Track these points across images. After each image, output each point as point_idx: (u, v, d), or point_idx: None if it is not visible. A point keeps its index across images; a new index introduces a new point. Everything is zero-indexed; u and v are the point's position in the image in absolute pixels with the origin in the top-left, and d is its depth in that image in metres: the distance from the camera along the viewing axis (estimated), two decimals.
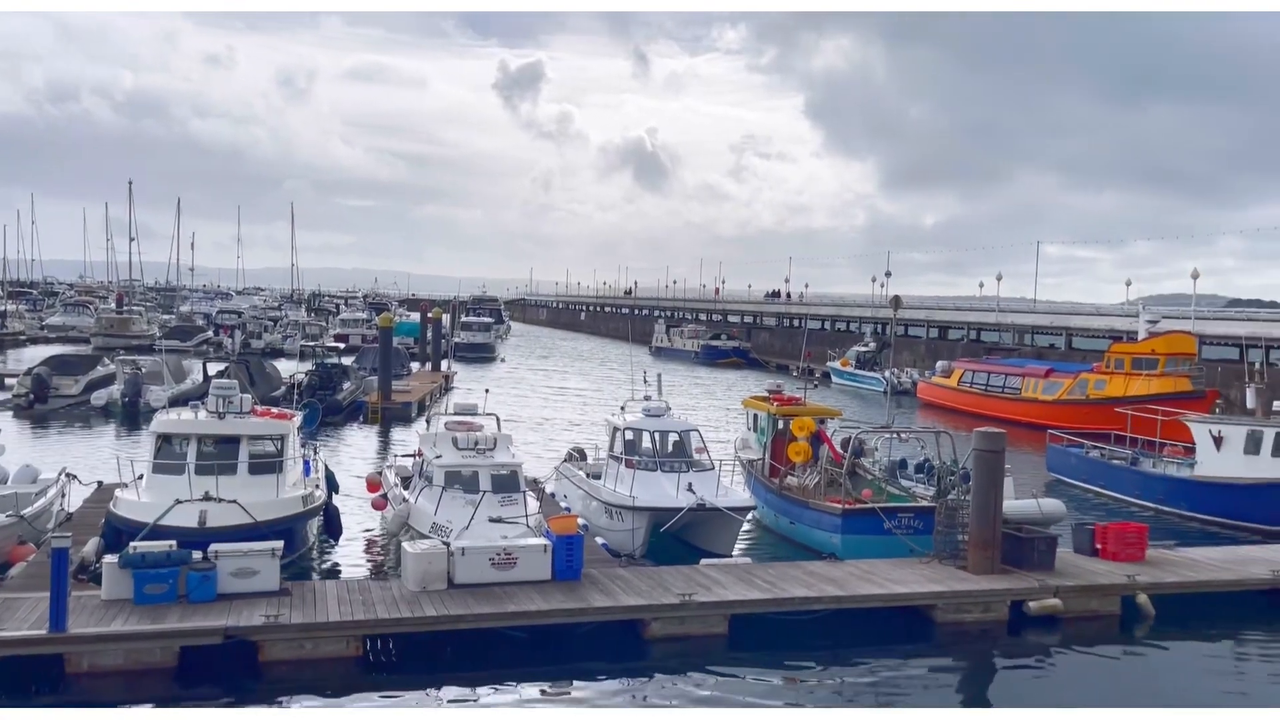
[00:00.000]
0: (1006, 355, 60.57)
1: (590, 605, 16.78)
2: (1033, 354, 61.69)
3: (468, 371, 67.89)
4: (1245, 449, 26.98)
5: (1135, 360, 45.39)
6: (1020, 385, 50.36)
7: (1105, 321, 62.15)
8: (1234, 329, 51.93)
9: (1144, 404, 35.55)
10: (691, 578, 18.44)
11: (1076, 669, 16.98)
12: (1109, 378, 45.96)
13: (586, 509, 23.70)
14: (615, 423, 24.70)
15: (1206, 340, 50.38)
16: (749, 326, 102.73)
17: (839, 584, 18.42)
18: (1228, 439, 27.54)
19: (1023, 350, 63.89)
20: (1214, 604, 19.46)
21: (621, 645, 16.59)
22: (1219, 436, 27.77)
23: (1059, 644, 17.75)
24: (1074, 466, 32.89)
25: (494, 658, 15.84)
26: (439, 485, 20.42)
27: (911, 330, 77.03)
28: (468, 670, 15.43)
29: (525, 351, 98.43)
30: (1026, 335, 66.93)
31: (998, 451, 19.63)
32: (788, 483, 24.76)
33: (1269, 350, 47.61)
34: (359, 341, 77.78)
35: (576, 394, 59.55)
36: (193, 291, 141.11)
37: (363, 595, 16.81)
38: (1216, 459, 27.70)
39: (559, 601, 16.78)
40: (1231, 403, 41.50)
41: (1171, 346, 45.45)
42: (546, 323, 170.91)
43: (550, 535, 18.27)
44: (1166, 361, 44.67)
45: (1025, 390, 49.81)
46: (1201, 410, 36.05)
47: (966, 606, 18.34)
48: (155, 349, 54.92)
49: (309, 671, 15.08)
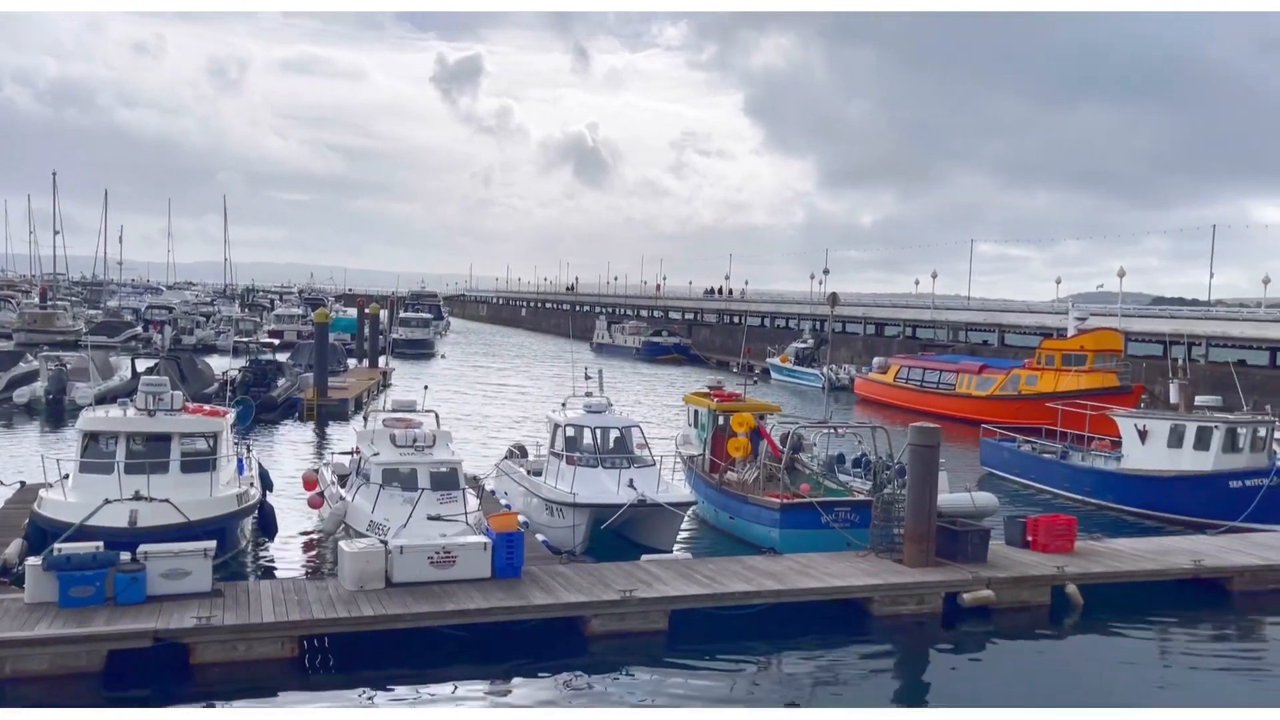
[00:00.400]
0: (941, 352, 61.69)
1: (530, 603, 16.72)
2: (966, 350, 62.91)
3: (406, 368, 67.15)
4: (1169, 443, 27.81)
5: (1065, 357, 46.52)
6: (954, 381, 51.31)
7: (1036, 319, 63.63)
8: (1158, 326, 53.53)
9: (1073, 399, 36.45)
10: (632, 574, 18.47)
11: (1008, 659, 17.38)
12: (1040, 374, 47.04)
13: (527, 506, 23.61)
14: (556, 419, 24.64)
15: (1132, 337, 51.85)
16: (690, 323, 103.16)
17: (778, 578, 18.60)
18: (1152, 433, 28.36)
19: (957, 347, 65.13)
20: (1139, 593, 20.05)
21: (562, 642, 16.56)
22: (1144, 430, 28.59)
23: (991, 635, 18.14)
24: (1006, 460, 33.62)
25: (433, 657, 15.70)
26: (376, 483, 20.17)
27: (849, 327, 78.02)
28: (406, 670, 15.27)
29: (465, 348, 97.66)
30: (961, 332, 68.25)
31: (932, 446, 19.99)
32: (727, 478, 24.93)
33: (1191, 347, 49.16)
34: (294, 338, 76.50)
35: (517, 391, 59.26)
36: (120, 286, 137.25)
37: (298, 595, 16.54)
38: (1141, 452, 28.51)
39: (499, 599, 16.69)
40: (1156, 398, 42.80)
41: (1099, 343, 46.68)
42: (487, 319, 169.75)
43: (490, 533, 18.16)
44: (1094, 358, 45.87)
45: (959, 386, 50.76)
46: (1128, 405, 37.10)
47: (902, 599, 18.64)
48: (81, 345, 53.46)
49: (242, 674, 14.81)
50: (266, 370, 45.32)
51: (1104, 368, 45.65)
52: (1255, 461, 26.65)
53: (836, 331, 74.97)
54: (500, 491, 25.98)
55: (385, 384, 54.03)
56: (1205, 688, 16.23)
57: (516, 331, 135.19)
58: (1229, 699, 15.70)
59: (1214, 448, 26.84)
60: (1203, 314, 56.54)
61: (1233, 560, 21.28)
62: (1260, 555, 21.70)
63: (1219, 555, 21.56)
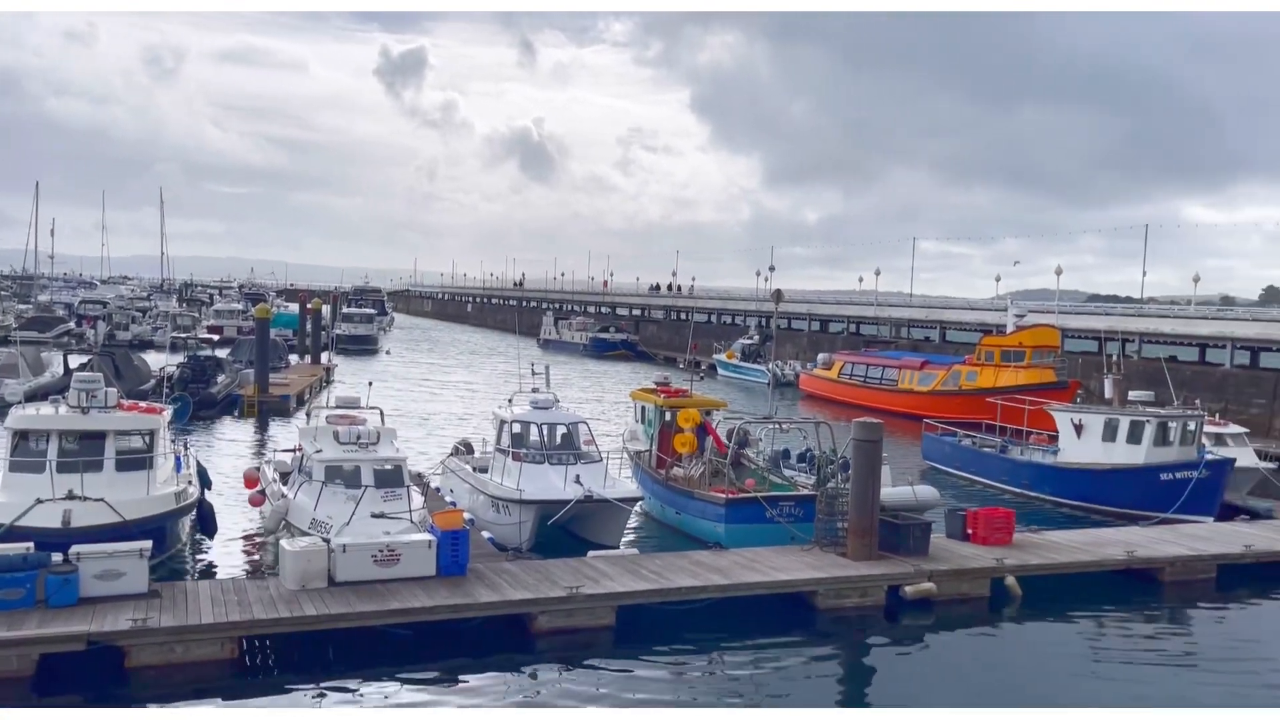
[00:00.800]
0: (884, 348, 62.51)
1: (476, 600, 16.62)
2: (909, 346, 63.85)
3: (349, 364, 66.31)
4: (1103, 436, 28.49)
5: (1004, 353, 47.43)
6: (897, 377, 52.04)
7: (976, 315, 64.79)
8: (1094, 323, 54.82)
9: (1012, 394, 37.17)
10: (579, 570, 18.45)
11: (950, 650, 17.68)
12: (980, 369, 47.90)
13: (473, 503, 23.46)
14: (502, 415, 24.51)
15: (1069, 333, 53.04)
16: (637, 320, 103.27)
17: (724, 573, 18.71)
18: (1087, 427, 29.03)
19: (900, 343, 66.05)
20: (1074, 584, 20.52)
21: (508, 640, 16.49)
22: (1079, 425, 29.25)
23: (932, 626, 18.45)
24: (947, 454, 34.19)
25: (378, 657, 15.53)
26: (319, 480, 19.88)
27: (794, 324, 78.73)
28: (350, 670, 15.09)
29: (410, 344, 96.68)
30: (903, 329, 69.24)
31: (875, 441, 20.25)
32: (674, 474, 25.01)
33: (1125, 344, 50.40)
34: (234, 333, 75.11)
35: (463, 387, 58.83)
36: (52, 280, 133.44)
37: (238, 595, 16.25)
38: (1077, 446, 29.18)
39: (444, 597, 16.56)
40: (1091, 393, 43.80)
41: (1037, 339, 47.66)
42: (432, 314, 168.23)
43: (435, 530, 18.02)
44: (1033, 354, 46.83)
45: (902, 382, 51.49)
46: (1064, 400, 37.90)
47: (846, 592, 18.87)
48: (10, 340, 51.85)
49: (180, 676, 14.52)
50: (205, 366, 44.53)
51: (1042, 364, 46.62)
52: (1185, 454, 27.41)
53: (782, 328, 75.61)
54: (446, 489, 25.78)
55: (328, 380, 53.32)
56: (1138, 676, 16.67)
57: (462, 327, 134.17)
58: (1160, 687, 16.14)
59: (1146, 441, 27.56)
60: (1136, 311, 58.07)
61: (1164, 551, 21.88)
62: (1189, 546, 22.35)
63: (1151, 546, 22.16)
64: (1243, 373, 44.92)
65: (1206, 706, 15.08)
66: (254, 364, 45.42)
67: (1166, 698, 15.57)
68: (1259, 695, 15.72)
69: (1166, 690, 15.93)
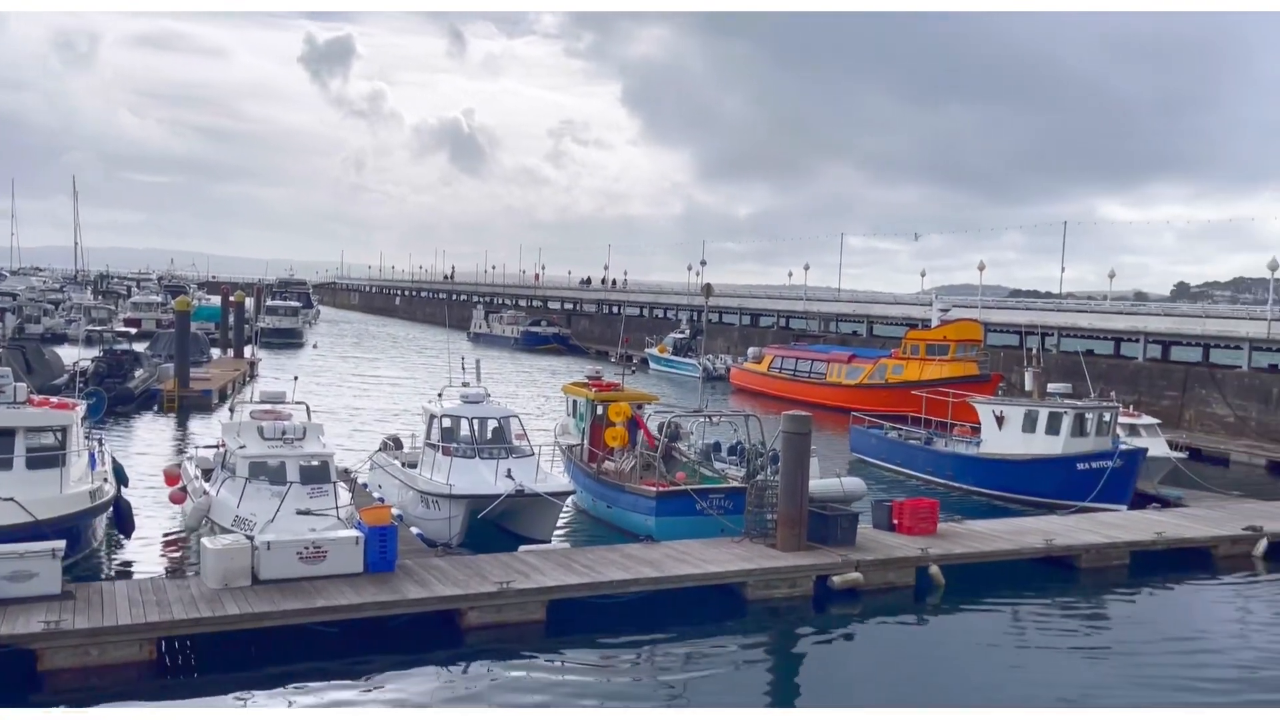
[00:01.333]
0: (813, 342, 63.33)
1: (404, 597, 16.42)
2: (837, 341, 64.76)
3: (274, 358, 64.97)
4: (1023, 428, 29.25)
5: (929, 346, 48.40)
6: (825, 371, 52.77)
7: (902, 310, 66.00)
8: (1015, 317, 56.27)
9: (936, 387, 37.96)
10: (510, 565, 18.34)
11: (876, 639, 18.00)
12: (905, 363, 48.82)
13: (402, 499, 23.18)
14: (432, 410, 24.24)
15: (991, 328, 54.35)
16: (569, 313, 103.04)
17: (655, 565, 18.78)
18: (1008, 419, 29.77)
19: (828, 337, 66.98)
20: (996, 572, 21.05)
21: (438, 636, 16.33)
22: (1000, 416, 29.99)
23: (859, 615, 18.76)
24: (874, 447, 34.78)
25: (304, 655, 15.25)
26: (243, 477, 19.46)
27: (725, 318, 79.32)
28: (275, 670, 14.80)
29: (337, 338, 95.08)
30: (832, 323, 70.22)
31: (804, 434, 20.50)
32: (605, 467, 25.01)
33: (1044, 338, 51.85)
34: (154, 326, 73.01)
35: (391, 382, 58.04)
36: None
37: (157, 595, 15.82)
38: (999, 437, 29.91)
39: (371, 594, 16.33)
40: (1013, 385, 44.91)
41: (961, 333, 48.74)
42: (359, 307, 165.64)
43: (362, 527, 17.76)
44: (956, 347, 47.86)
45: (830, 375, 52.23)
46: (987, 393, 38.85)
47: (775, 583, 19.08)
48: None
49: (96, 679, 14.10)
50: (122, 360, 43.23)
51: (965, 357, 47.67)
52: (1101, 445, 28.27)
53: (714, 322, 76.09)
54: (374, 485, 25.43)
55: (252, 375, 52.19)
56: (1055, 661, 17.17)
57: (391, 321, 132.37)
58: (1076, 672, 16.64)
59: (1063, 433, 28.36)
60: (1055, 306, 59.76)
61: (1081, 539, 22.56)
62: (1105, 534, 23.08)
63: (1068, 534, 22.83)
64: (1155, 366, 46.54)
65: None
66: (174, 358, 44.25)
67: (1082, 683, 16.05)
68: (1167, 679, 16.30)
69: (1082, 676, 16.43)
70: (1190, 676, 16.28)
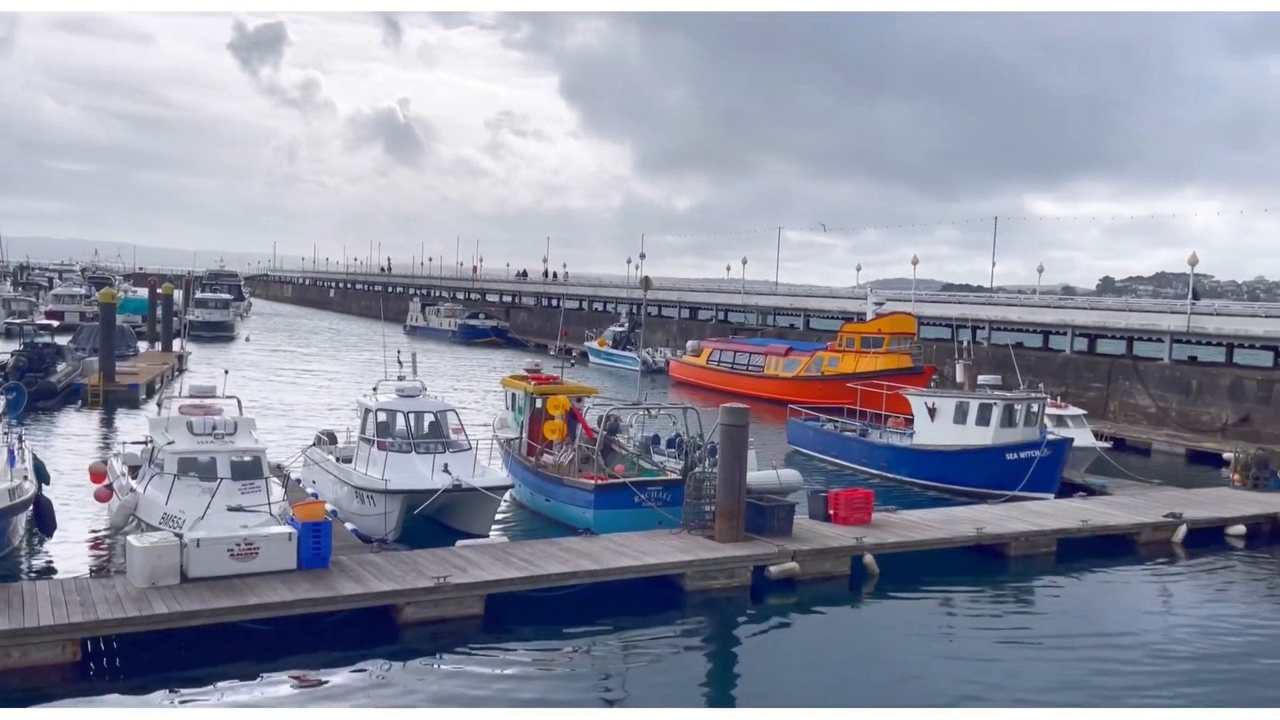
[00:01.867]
0: (751, 335, 63.81)
1: (339, 593, 16.20)
2: (775, 334, 65.35)
3: (204, 352, 63.52)
4: (954, 419, 29.82)
5: (864, 339, 49.06)
6: (763, 364, 53.20)
7: (838, 303, 66.82)
8: (947, 311, 57.33)
9: (871, 380, 38.51)
10: (447, 560, 18.20)
11: (812, 627, 18.24)
12: (841, 355, 49.41)
13: (337, 494, 22.84)
14: (367, 404, 23.92)
15: (924, 321, 55.27)
16: (508, 306, 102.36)
17: (594, 558, 18.78)
18: (940, 410, 30.33)
19: (766, 330, 67.55)
20: (929, 560, 21.46)
21: (374, 633, 16.15)
22: (933, 408, 30.54)
23: (796, 605, 18.98)
24: (811, 438, 35.19)
25: (236, 654, 14.97)
26: (171, 473, 19.02)
27: (665, 311, 79.50)
28: (205, 670, 14.50)
29: (270, 331, 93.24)
30: (769, 316, 70.83)
31: (742, 426, 20.65)
32: (544, 460, 24.93)
33: (975, 331, 52.94)
34: (77, 319, 70.93)
35: (326, 375, 57.12)
36: None
37: (81, 595, 15.39)
38: (931, 429, 30.46)
39: (305, 591, 16.08)
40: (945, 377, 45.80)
41: (895, 326, 49.48)
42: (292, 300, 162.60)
43: (295, 523, 17.47)
44: (891, 341, 48.58)
45: (767, 368, 52.67)
46: (920, 385, 39.53)
47: (713, 574, 19.21)
48: None
49: (16, 681, 13.69)
50: (44, 354, 41.99)
51: (899, 350, 48.40)
52: (1029, 435, 28.94)
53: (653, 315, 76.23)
54: (308, 480, 25.03)
55: (180, 369, 50.99)
56: (986, 648, 17.56)
57: (325, 313, 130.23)
58: (1006, 657, 17.05)
59: (993, 423, 28.98)
60: (986, 300, 61.00)
61: (1010, 527, 23.09)
62: (1033, 522, 23.65)
63: (998, 523, 23.35)
64: (1081, 358, 47.79)
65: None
66: (98, 351, 43.01)
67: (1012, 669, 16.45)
68: (1091, 662, 16.78)
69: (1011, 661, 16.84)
70: (1114, 659, 16.77)
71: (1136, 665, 16.53)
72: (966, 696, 15.05)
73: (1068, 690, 15.37)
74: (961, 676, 15.89)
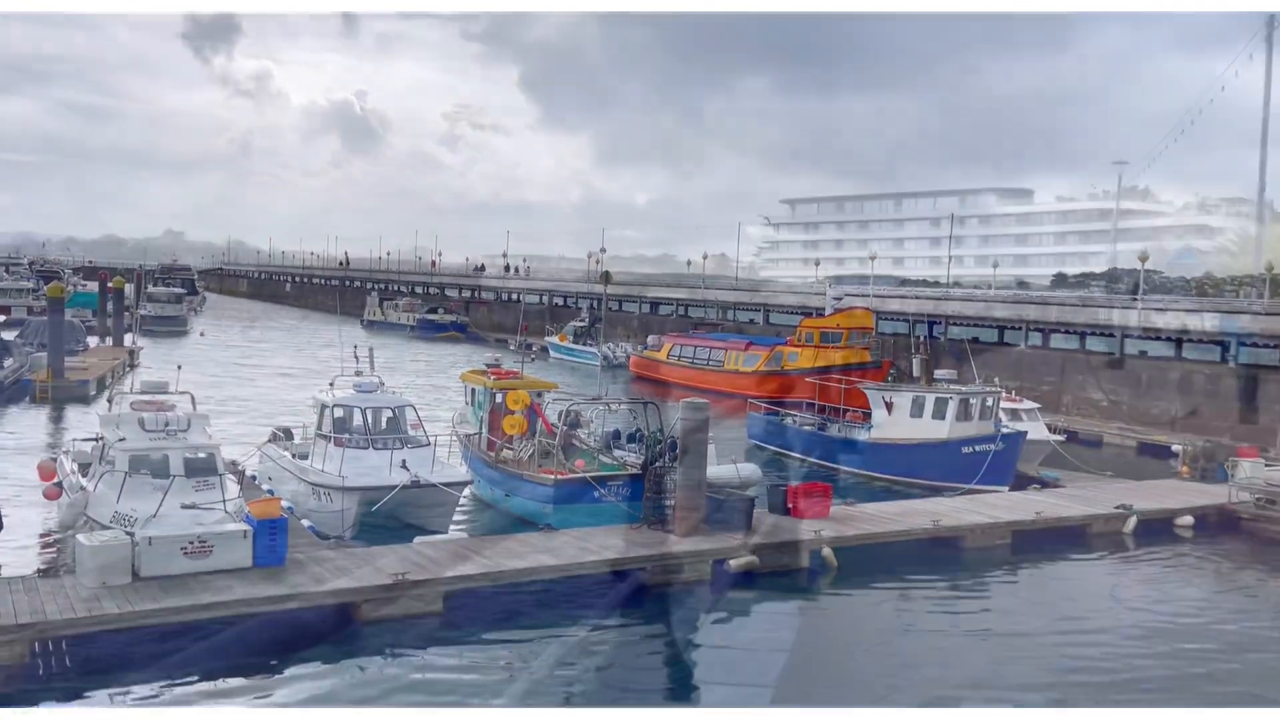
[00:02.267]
0: (711, 330, 63.97)
1: (295, 591, 16.03)
2: (735, 329, 65.58)
3: (157, 347, 62.44)
4: (911, 413, 30.13)
5: (823, 334, 49.35)
6: (723, 358, 53.37)
7: (798, 298, 67.22)
8: (905, 306, 57.86)
9: (830, 374, 38.78)
10: (406, 557, 18.07)
11: (771, 619, 18.37)
12: (800, 350, 49.69)
13: (293, 491, 22.58)
14: (323, 400, 23.67)
15: (882, 316, 55.76)
16: (467, 300, 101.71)
17: (554, 554, 18.74)
18: (897, 405, 30.64)
19: (726, 325, 67.75)
20: (886, 552, 21.68)
21: (331, 631, 15.99)
22: (890, 402, 30.84)
23: (756, 598, 19.10)
24: (770, 433, 35.38)
25: (190, 653, 14.75)
26: (123, 471, 18.68)
27: (626, 306, 79.49)
28: (159, 669, 14.27)
29: (224, 325, 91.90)
30: (729, 311, 71.08)
31: (702, 421, 20.71)
32: (503, 456, 24.83)
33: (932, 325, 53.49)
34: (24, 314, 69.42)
35: (282, 371, 56.42)
36: None
37: (29, 595, 15.08)
38: (888, 423, 30.76)
39: (260, 589, 15.89)
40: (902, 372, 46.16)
41: (853, 322, 49.84)
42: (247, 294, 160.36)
43: (250, 520, 17.25)
44: (849, 335, 48.95)
45: (727, 363, 52.85)
46: (878, 379, 39.83)
47: (674, 568, 19.26)
48: None
49: None
50: None
51: (857, 345, 48.79)
52: (984, 429, 29.33)
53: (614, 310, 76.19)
54: (263, 477, 24.72)
55: (132, 364, 50.08)
56: (942, 638, 17.81)
57: (280, 308, 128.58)
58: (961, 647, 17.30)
59: (949, 417, 29.31)
60: (942, 295, 61.66)
61: (965, 520, 23.40)
62: (988, 514, 23.98)
63: (954, 516, 23.65)
64: (1035, 352, 48.48)
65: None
66: (46, 347, 42.14)
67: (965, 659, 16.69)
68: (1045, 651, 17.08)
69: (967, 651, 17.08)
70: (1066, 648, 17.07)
71: (1090, 654, 16.82)
72: (923, 685, 15.23)
73: (1022, 679, 15.62)
74: (918, 666, 16.09)
